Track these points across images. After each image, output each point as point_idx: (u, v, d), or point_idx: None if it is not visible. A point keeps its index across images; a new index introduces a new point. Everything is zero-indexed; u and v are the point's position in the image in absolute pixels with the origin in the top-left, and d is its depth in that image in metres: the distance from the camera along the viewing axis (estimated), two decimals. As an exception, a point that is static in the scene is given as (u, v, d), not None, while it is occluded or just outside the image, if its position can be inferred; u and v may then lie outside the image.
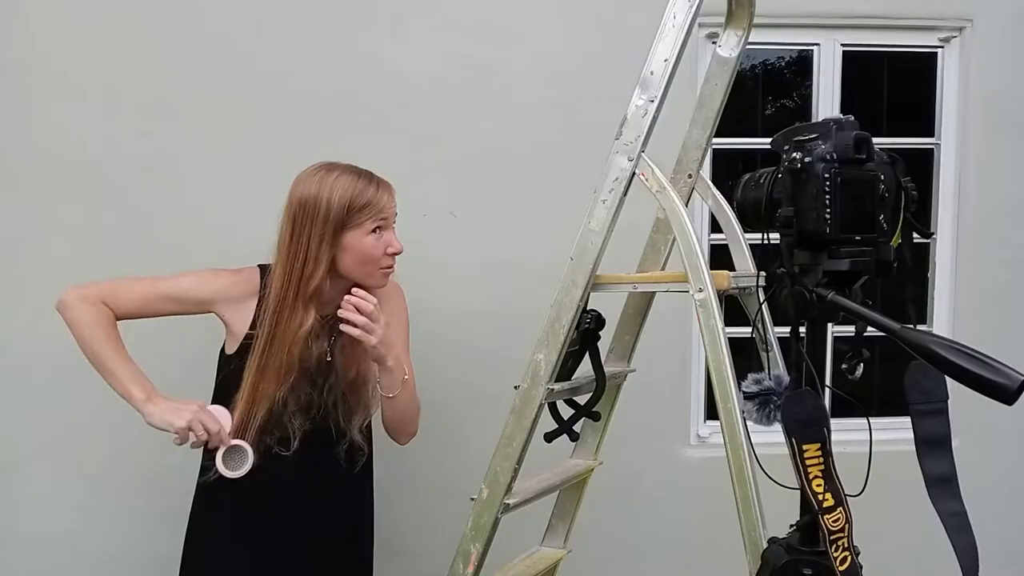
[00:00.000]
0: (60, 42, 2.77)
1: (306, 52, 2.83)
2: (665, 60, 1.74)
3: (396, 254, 1.97)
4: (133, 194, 2.80)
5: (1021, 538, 3.15)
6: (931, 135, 3.15)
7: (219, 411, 1.91)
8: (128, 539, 2.85)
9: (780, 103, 3.42)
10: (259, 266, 2.01)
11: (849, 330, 1.27)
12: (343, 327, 1.87)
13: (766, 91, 3.42)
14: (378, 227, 1.93)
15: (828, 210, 1.18)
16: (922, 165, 3.15)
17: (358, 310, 1.85)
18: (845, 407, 2.96)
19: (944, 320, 3.15)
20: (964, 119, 3.08)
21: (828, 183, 1.17)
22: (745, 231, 2.07)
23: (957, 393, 1.23)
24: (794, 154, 1.21)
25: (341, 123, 2.81)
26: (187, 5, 2.81)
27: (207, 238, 2.71)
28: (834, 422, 2.94)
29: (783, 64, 3.32)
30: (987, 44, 3.04)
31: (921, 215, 3.08)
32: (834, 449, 1.40)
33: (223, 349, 2.04)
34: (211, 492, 1.99)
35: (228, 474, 1.88)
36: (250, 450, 1.89)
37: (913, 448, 1.32)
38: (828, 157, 1.19)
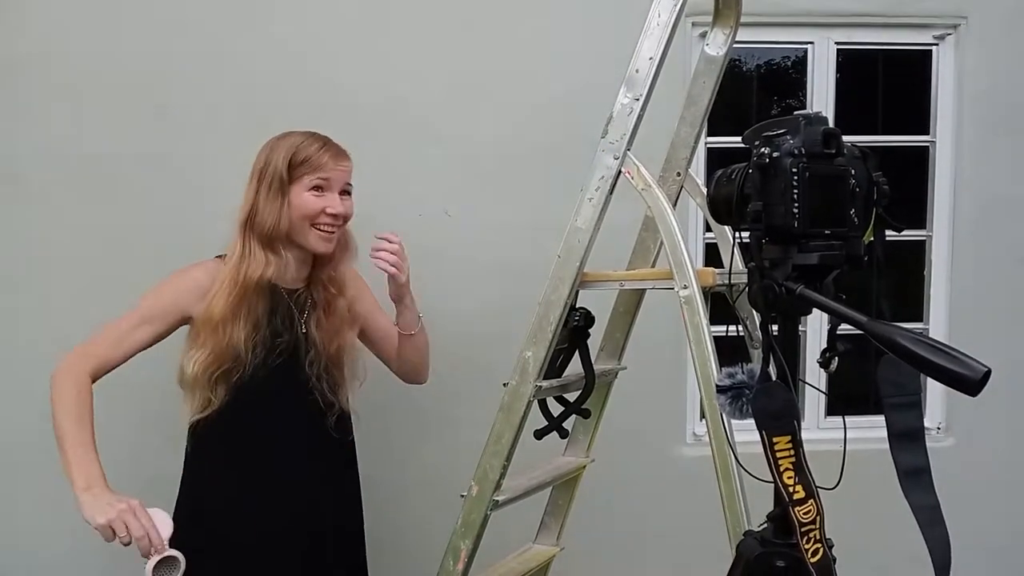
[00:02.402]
0: (60, 42, 2.80)
1: (304, 52, 2.85)
2: (650, 58, 1.76)
3: (336, 216, 2.01)
4: (133, 194, 2.83)
5: (997, 529, 3.15)
6: (926, 133, 3.14)
7: (158, 515, 1.77)
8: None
9: (785, 103, 3.42)
10: (217, 257, 2.07)
11: (849, 328, 1.26)
12: (376, 264, 2.03)
13: (769, 91, 3.43)
14: (318, 186, 2.00)
15: (796, 204, 1.18)
16: (918, 163, 3.15)
17: (387, 250, 2.04)
18: (849, 405, 2.99)
19: (941, 317, 3.14)
20: (959, 116, 3.07)
21: (796, 178, 1.18)
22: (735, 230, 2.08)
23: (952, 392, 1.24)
24: (763, 149, 1.21)
25: (338, 123, 2.81)
26: (188, 6, 2.83)
27: (206, 239, 2.72)
28: (832, 420, 3.00)
29: (787, 64, 3.32)
30: (982, 41, 3.04)
31: (917, 212, 3.11)
32: (831, 447, 1.41)
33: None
34: (206, 468, 2.02)
35: None
36: (183, 562, 1.74)
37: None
38: (796, 152, 1.19)
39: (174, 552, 1.74)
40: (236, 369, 1.95)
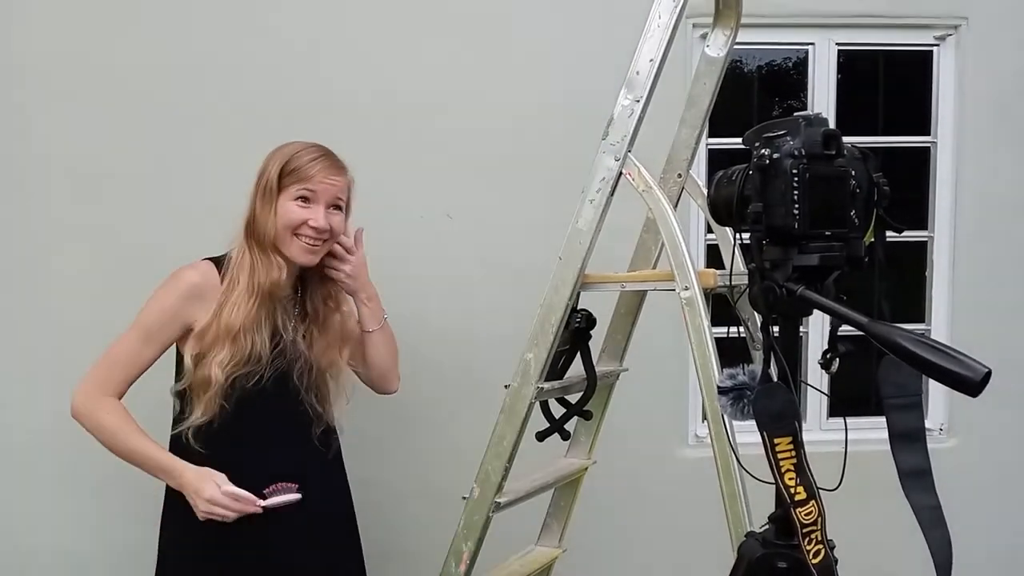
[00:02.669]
0: (62, 45, 2.81)
1: (305, 54, 2.86)
2: (651, 60, 1.77)
3: (318, 229, 1.96)
4: (133, 195, 2.84)
5: (1000, 531, 3.16)
6: (927, 133, 3.14)
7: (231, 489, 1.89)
8: (128, 542, 2.87)
9: (787, 104, 3.43)
10: (207, 259, 2.03)
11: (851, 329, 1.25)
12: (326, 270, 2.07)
13: (771, 92, 3.43)
14: (304, 197, 1.96)
15: (796, 206, 1.18)
16: (919, 164, 3.14)
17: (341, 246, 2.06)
18: (851, 407, 2.99)
19: (942, 319, 3.14)
20: (960, 117, 3.07)
21: (796, 179, 1.18)
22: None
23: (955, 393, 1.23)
24: (763, 150, 1.21)
25: (338, 124, 2.82)
26: (189, 9, 2.84)
27: (206, 239, 2.73)
28: (835, 421, 2.99)
29: (789, 65, 3.32)
30: (982, 42, 3.04)
31: (918, 213, 3.10)
32: (834, 448, 1.41)
33: (182, 355, 1.99)
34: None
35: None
36: (289, 492, 1.89)
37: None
38: (796, 153, 1.19)
39: (275, 501, 1.89)
40: (252, 375, 1.94)
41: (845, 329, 1.22)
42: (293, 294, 2.08)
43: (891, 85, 3.20)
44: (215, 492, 1.85)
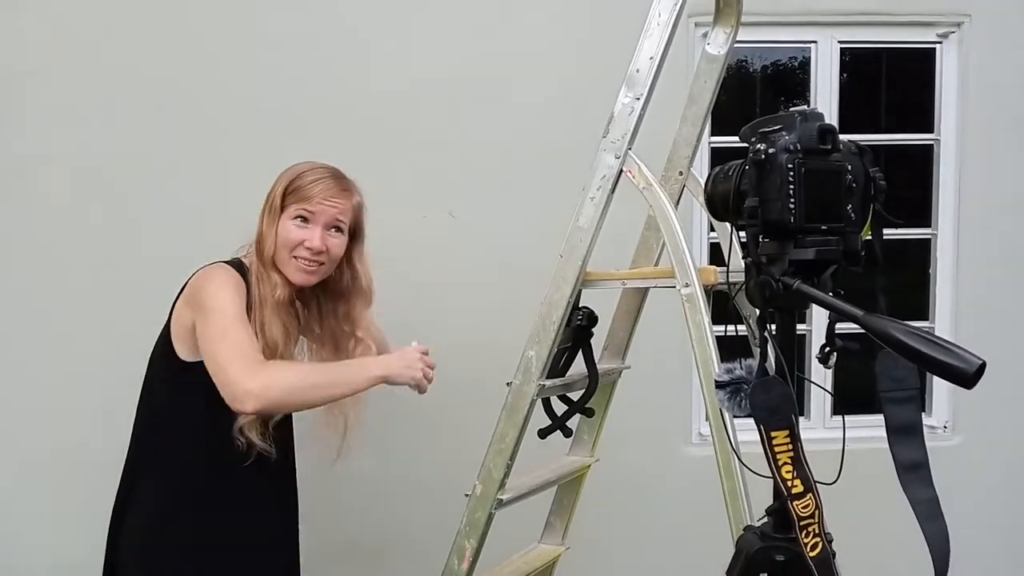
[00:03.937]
0: (65, 47, 2.84)
1: (309, 56, 2.87)
2: (651, 58, 1.77)
3: (312, 250, 1.91)
4: (138, 196, 2.86)
5: (1003, 527, 3.15)
6: (931, 131, 3.14)
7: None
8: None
9: (792, 102, 3.43)
10: (226, 263, 1.96)
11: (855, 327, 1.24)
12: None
13: (776, 91, 3.43)
14: (302, 216, 1.92)
15: (792, 200, 1.19)
16: (922, 161, 3.14)
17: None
18: (856, 404, 2.99)
19: (946, 317, 3.13)
20: (963, 114, 3.07)
21: (792, 173, 1.18)
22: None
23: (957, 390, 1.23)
24: (759, 145, 1.22)
25: (343, 125, 2.84)
26: (193, 10, 2.86)
27: (207, 239, 2.74)
28: (839, 419, 2.99)
29: (794, 64, 3.33)
30: (985, 39, 3.04)
31: (922, 211, 3.10)
32: (838, 445, 1.41)
33: (177, 355, 1.92)
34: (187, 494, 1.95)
35: None
36: None
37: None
38: (792, 148, 1.20)
39: None
40: None
41: (849, 327, 1.22)
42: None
43: (894, 83, 3.20)
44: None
